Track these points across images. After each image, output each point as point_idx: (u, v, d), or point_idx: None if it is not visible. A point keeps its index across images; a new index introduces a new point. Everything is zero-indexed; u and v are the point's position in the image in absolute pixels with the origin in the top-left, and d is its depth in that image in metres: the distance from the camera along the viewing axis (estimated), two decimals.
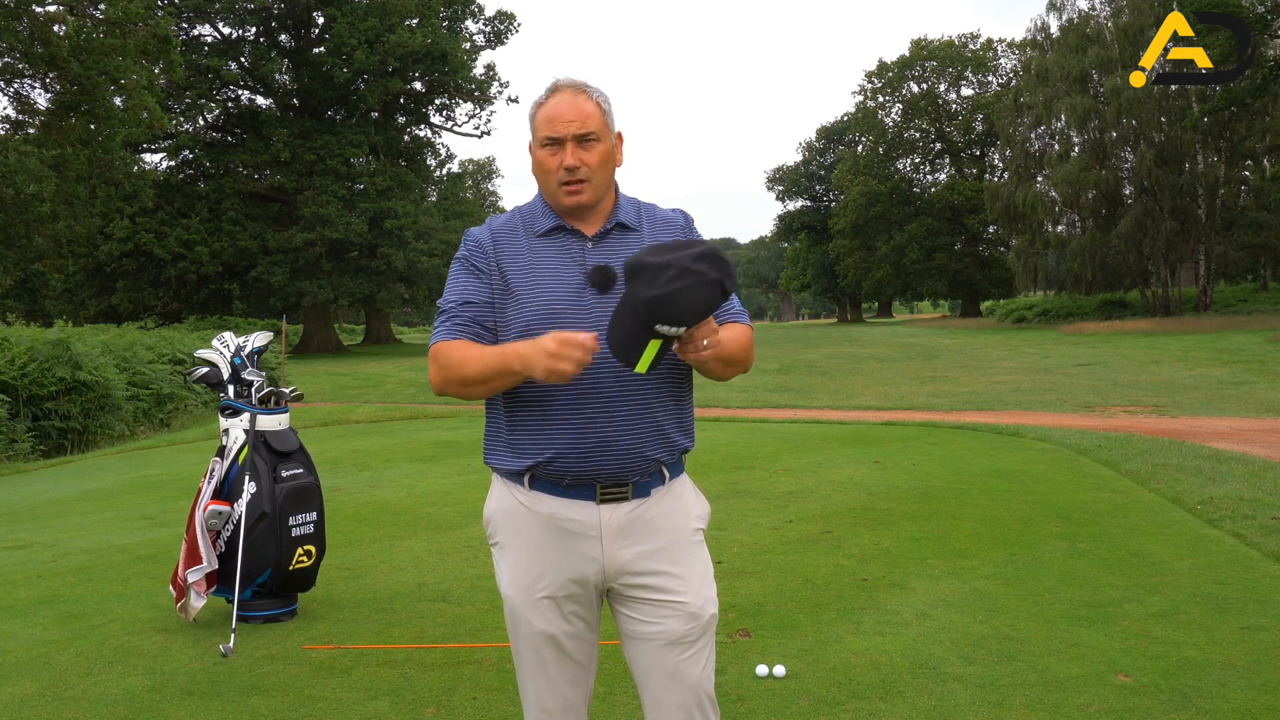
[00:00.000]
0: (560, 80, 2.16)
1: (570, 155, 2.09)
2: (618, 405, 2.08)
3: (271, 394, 4.68)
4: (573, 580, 2.14)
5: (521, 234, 2.18)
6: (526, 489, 2.15)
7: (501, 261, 2.15)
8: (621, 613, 2.20)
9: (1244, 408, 12.22)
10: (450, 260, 2.30)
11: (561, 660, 2.17)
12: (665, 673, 2.14)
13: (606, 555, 2.12)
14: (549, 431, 2.09)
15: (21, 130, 29.17)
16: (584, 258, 2.13)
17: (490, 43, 46.92)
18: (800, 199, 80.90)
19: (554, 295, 2.09)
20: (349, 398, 19.50)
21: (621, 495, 2.12)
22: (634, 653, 2.19)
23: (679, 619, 2.13)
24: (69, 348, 13.84)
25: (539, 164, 2.16)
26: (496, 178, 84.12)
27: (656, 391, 2.12)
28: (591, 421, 2.07)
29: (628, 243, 2.17)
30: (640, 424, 2.10)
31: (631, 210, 2.22)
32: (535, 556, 2.15)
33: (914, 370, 21.12)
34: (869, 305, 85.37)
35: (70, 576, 5.36)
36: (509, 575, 2.18)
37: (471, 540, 5.94)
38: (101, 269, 38.42)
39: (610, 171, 2.17)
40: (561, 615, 2.15)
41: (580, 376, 1.99)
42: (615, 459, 2.09)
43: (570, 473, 2.10)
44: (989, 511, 6.35)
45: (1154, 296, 40.27)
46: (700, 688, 2.16)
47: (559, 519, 2.13)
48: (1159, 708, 3.25)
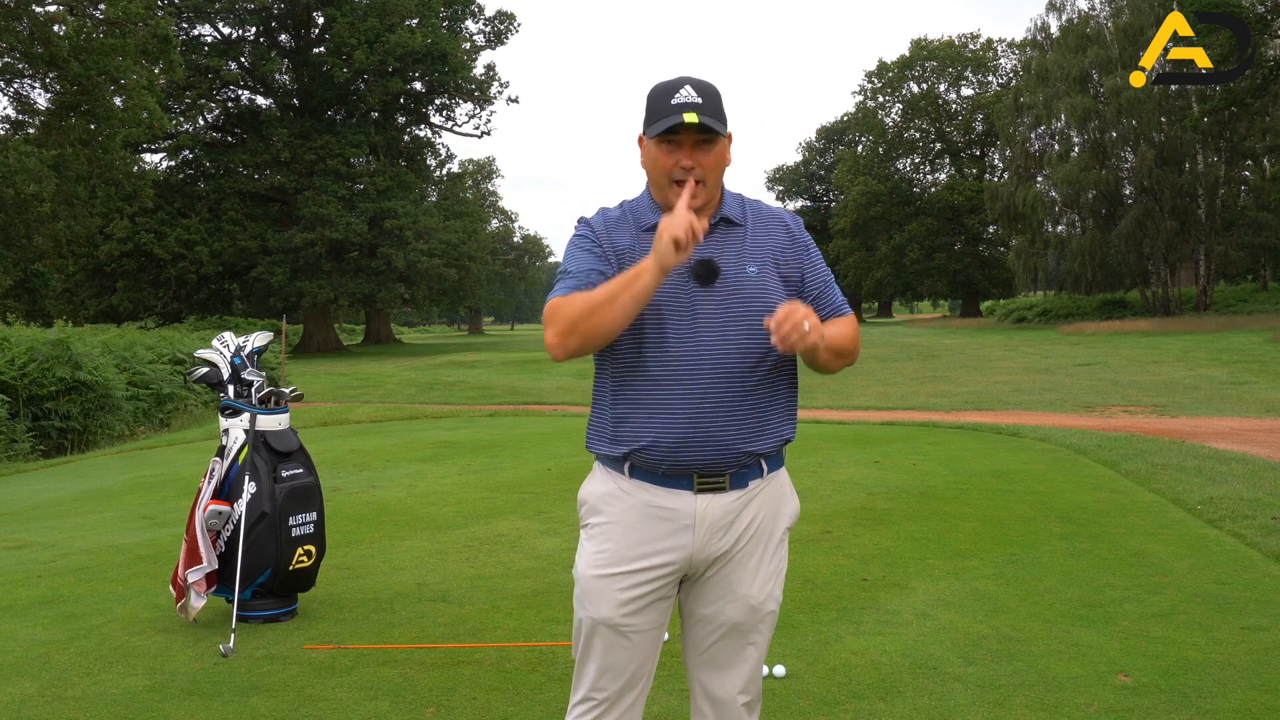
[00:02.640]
0: (682, 77, 2.14)
1: (688, 155, 2.09)
2: (717, 399, 2.10)
3: (271, 394, 4.68)
4: (656, 568, 2.16)
5: (631, 226, 2.19)
6: (626, 476, 2.18)
7: (614, 249, 2.17)
8: (686, 598, 2.25)
9: (1244, 408, 12.21)
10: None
11: (623, 648, 2.18)
12: (714, 660, 2.20)
13: (697, 544, 2.16)
14: (648, 420, 2.12)
15: (21, 130, 29.18)
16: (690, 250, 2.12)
17: (490, 43, 46.96)
18: (800, 199, 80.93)
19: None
20: (349, 398, 19.50)
21: (719, 485, 2.15)
22: (688, 635, 2.25)
23: (738, 608, 2.18)
24: (69, 348, 13.84)
25: (652, 160, 2.14)
26: (496, 178, 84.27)
27: (758, 385, 2.14)
28: (690, 413, 2.10)
29: (732, 238, 2.18)
30: (739, 418, 2.13)
31: (736, 206, 2.22)
32: (624, 541, 2.17)
33: (914, 370, 21.12)
34: (869, 305, 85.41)
35: (70, 576, 5.36)
36: (590, 556, 2.20)
37: (471, 540, 5.94)
38: (101, 269, 38.44)
39: (721, 172, 2.16)
40: (633, 604, 2.16)
41: (681, 368, 2.06)
42: (712, 452, 2.12)
43: (667, 461, 2.12)
44: (989, 511, 6.35)
45: (1154, 296, 40.27)
46: (748, 679, 2.20)
47: (655, 505, 2.15)
48: (1159, 708, 3.25)
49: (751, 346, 2.13)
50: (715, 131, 2.07)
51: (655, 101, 2.11)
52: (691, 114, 2.04)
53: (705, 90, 2.10)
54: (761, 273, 2.16)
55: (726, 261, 2.14)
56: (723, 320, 2.11)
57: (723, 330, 2.11)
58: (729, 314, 2.12)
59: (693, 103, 2.06)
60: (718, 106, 2.11)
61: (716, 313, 2.12)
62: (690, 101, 2.07)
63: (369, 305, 44.56)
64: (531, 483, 7.95)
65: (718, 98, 2.12)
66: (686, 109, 2.05)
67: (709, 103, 2.09)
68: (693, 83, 2.11)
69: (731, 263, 2.15)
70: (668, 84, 2.12)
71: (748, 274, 2.15)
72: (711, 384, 2.10)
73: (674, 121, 2.05)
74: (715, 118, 2.08)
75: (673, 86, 2.11)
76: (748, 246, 2.18)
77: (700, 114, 2.05)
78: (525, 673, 3.73)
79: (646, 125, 2.12)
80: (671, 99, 2.08)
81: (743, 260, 2.16)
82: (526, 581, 4.99)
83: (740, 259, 2.16)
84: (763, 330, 2.08)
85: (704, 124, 2.05)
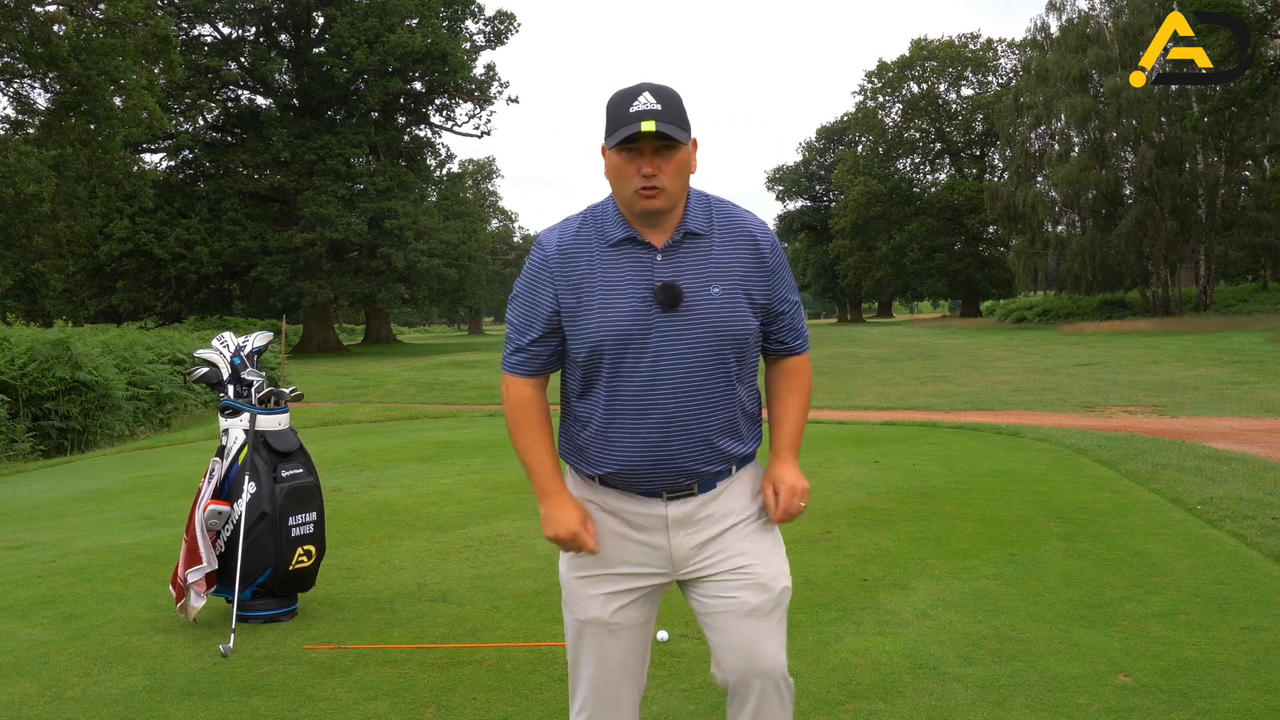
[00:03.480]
0: (641, 84, 2.11)
1: (648, 163, 2.05)
2: (681, 425, 2.12)
3: (271, 394, 4.68)
4: (635, 573, 2.22)
5: (594, 244, 2.15)
6: (598, 485, 2.23)
7: (568, 279, 2.14)
8: (695, 596, 2.26)
9: (1244, 408, 12.21)
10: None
11: (615, 647, 2.23)
12: (741, 646, 2.20)
13: (673, 544, 2.20)
14: (610, 451, 2.16)
15: (21, 130, 29.18)
16: (652, 270, 2.11)
17: (490, 43, 46.95)
18: (800, 199, 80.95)
19: (620, 313, 2.10)
20: (349, 398, 19.50)
21: (688, 493, 2.20)
22: (711, 630, 2.25)
23: (751, 590, 2.19)
24: (69, 348, 13.83)
25: (614, 169, 2.10)
26: (496, 178, 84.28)
27: (721, 406, 2.15)
28: (653, 443, 2.13)
29: (697, 251, 2.13)
30: (704, 442, 2.15)
31: (702, 214, 2.17)
32: (601, 545, 2.21)
33: (914, 370, 21.11)
34: (869, 305, 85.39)
35: (70, 576, 5.36)
36: (570, 560, 2.25)
37: (471, 540, 5.94)
38: (101, 269, 38.43)
39: (685, 179, 2.12)
40: (618, 599, 2.22)
41: (644, 397, 2.11)
42: (676, 474, 2.16)
43: (634, 484, 2.18)
44: (989, 511, 6.35)
45: (1154, 296, 40.27)
46: (776, 659, 2.22)
47: (626, 514, 2.21)
48: (1159, 708, 3.25)
49: (715, 371, 2.12)
50: (675, 139, 2.04)
51: (614, 110, 2.07)
52: (649, 122, 2.00)
53: (665, 96, 2.06)
54: (726, 293, 2.12)
55: (689, 281, 2.10)
56: (686, 346, 2.10)
57: (685, 357, 2.10)
58: (692, 339, 2.10)
59: (651, 110, 2.03)
60: (678, 112, 2.06)
61: (679, 339, 2.10)
62: (649, 109, 2.03)
63: (369, 305, 44.56)
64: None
65: (678, 103, 2.08)
66: (645, 117, 2.01)
67: (668, 109, 2.04)
68: (651, 89, 2.06)
69: (694, 282, 2.11)
70: (626, 91, 2.08)
71: (711, 295, 2.11)
72: (675, 412, 2.11)
73: (632, 130, 2.01)
74: (675, 124, 2.04)
75: (631, 94, 2.06)
76: (712, 263, 2.13)
77: (659, 121, 2.01)
78: (525, 673, 3.73)
79: (607, 135, 2.08)
80: (630, 107, 2.04)
81: (706, 278, 2.12)
82: (526, 581, 4.99)
83: (704, 277, 2.12)
84: (726, 353, 2.11)
85: (662, 131, 2.01)
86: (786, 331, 2.25)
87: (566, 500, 2.19)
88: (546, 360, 2.20)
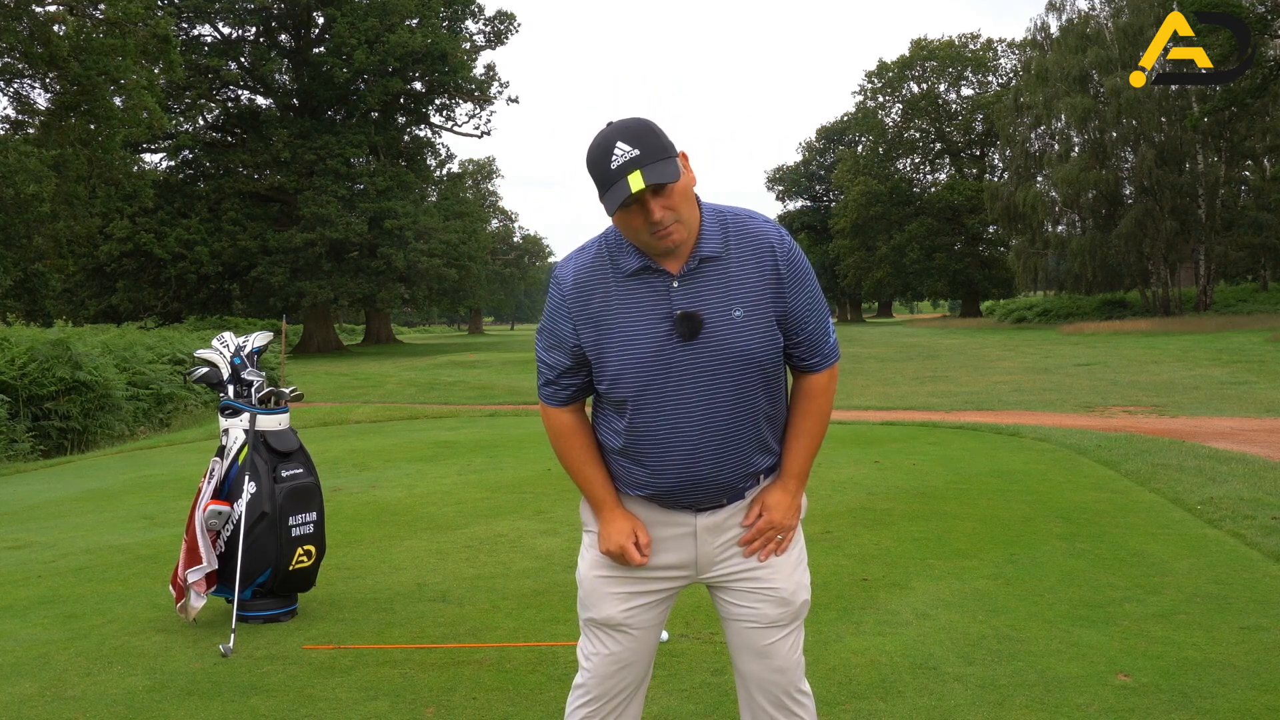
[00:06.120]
0: (610, 129, 2.01)
1: (652, 211, 1.98)
2: (708, 449, 2.13)
3: (271, 394, 4.68)
4: (657, 574, 2.25)
5: (610, 274, 2.11)
6: (629, 496, 2.26)
7: (586, 314, 2.12)
8: (720, 599, 2.31)
9: (1244, 408, 12.21)
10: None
11: (626, 645, 2.26)
12: (757, 656, 2.25)
13: (700, 550, 2.23)
14: (641, 471, 2.18)
15: (21, 130, 29.17)
16: (670, 298, 2.07)
17: (490, 43, 46.93)
18: (800, 199, 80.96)
19: (640, 346, 2.08)
20: (349, 398, 19.50)
21: (718, 504, 2.23)
22: (731, 636, 2.31)
23: (770, 604, 2.23)
24: (69, 348, 13.84)
25: (621, 224, 2.04)
26: (496, 178, 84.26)
27: (749, 426, 2.16)
28: (678, 469, 2.14)
29: (714, 275, 2.09)
30: (732, 462, 2.16)
31: (717, 235, 2.10)
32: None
33: (914, 370, 21.11)
34: (869, 305, 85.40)
35: (70, 576, 5.36)
36: (591, 558, 2.28)
37: (471, 540, 5.94)
38: (101, 269, 38.42)
39: (691, 200, 2.06)
40: (635, 599, 2.25)
41: (671, 423, 2.12)
42: (708, 493, 2.19)
43: (666, 503, 2.21)
44: (989, 511, 6.35)
45: (1154, 296, 40.26)
46: (791, 672, 2.26)
47: (655, 524, 2.24)
48: (1159, 708, 3.25)
49: (740, 396, 2.11)
50: (667, 181, 1.96)
51: (595, 169, 1.99)
52: (636, 177, 1.93)
53: (638, 135, 1.97)
54: (748, 314, 2.08)
55: (709, 307, 2.06)
56: (709, 374, 2.08)
57: (709, 385, 2.09)
58: (715, 366, 2.08)
59: (631, 159, 1.94)
60: (656, 147, 1.97)
61: (702, 368, 2.08)
62: (628, 159, 1.94)
63: (369, 305, 44.56)
64: (531, 483, 7.95)
65: (653, 135, 1.99)
66: (628, 169, 1.94)
67: (646, 149, 1.96)
68: (621, 133, 1.97)
69: (715, 307, 2.07)
70: (600, 146, 1.98)
71: (734, 319, 2.07)
72: (702, 439, 2.12)
73: (624, 195, 1.94)
74: (660, 162, 1.96)
75: (606, 147, 1.97)
76: (732, 284, 2.08)
77: (644, 171, 1.94)
78: (525, 673, 3.73)
79: (600, 197, 2.01)
80: (610, 163, 1.95)
81: (728, 302, 2.07)
82: (526, 581, 4.99)
83: (725, 301, 2.07)
84: (751, 375, 2.10)
85: (651, 183, 1.94)
86: (806, 348, 2.21)
87: (618, 515, 2.21)
88: (578, 389, 2.23)
